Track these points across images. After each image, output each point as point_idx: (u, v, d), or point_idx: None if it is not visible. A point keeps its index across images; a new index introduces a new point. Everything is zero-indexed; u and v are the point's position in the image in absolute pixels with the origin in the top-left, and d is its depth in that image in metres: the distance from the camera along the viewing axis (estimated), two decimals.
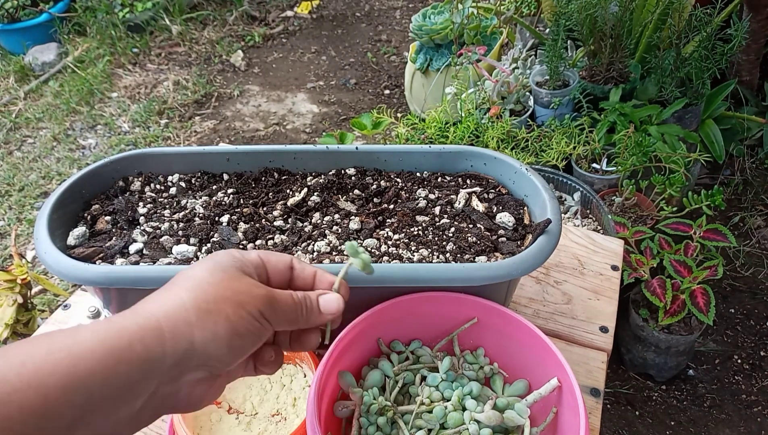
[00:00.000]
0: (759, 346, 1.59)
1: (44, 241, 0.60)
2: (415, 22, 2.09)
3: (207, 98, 2.62)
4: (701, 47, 1.46)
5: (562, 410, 0.55)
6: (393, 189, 0.72)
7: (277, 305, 0.44)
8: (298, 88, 2.68)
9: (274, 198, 0.72)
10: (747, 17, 1.63)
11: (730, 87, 1.68)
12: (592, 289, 0.81)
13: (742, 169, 1.95)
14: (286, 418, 0.63)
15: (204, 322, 0.39)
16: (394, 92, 2.62)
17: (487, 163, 0.74)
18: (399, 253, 0.63)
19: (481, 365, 0.62)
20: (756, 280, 1.73)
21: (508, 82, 1.65)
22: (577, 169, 1.54)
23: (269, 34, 3.01)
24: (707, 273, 1.30)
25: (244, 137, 2.41)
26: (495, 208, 0.70)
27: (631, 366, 1.55)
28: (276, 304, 0.44)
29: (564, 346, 0.74)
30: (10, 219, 2.07)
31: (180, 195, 0.72)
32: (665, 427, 1.45)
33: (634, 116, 1.48)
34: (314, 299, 0.47)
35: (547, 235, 0.61)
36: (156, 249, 0.64)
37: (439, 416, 0.55)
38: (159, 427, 0.67)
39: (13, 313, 1.21)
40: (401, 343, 0.63)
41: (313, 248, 0.64)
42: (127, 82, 2.71)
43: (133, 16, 2.93)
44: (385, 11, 3.17)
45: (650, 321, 1.41)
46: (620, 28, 1.52)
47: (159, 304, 0.40)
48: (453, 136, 1.44)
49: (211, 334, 0.39)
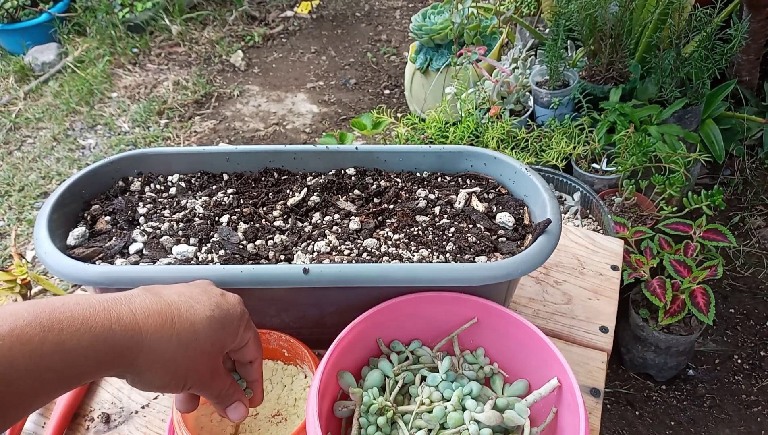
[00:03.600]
0: (759, 346, 1.59)
1: (44, 242, 0.60)
2: (415, 22, 2.09)
3: (207, 98, 2.62)
4: (701, 47, 1.46)
5: (562, 410, 0.55)
6: (393, 189, 0.72)
7: (210, 387, 0.49)
8: (298, 88, 2.68)
9: (274, 198, 0.72)
10: (747, 17, 1.63)
11: (730, 87, 1.68)
12: (592, 289, 0.81)
13: (742, 169, 1.95)
14: (286, 419, 0.63)
15: (162, 371, 0.44)
16: (394, 92, 2.62)
17: (487, 163, 0.74)
18: (399, 253, 0.63)
19: (481, 365, 0.62)
20: (756, 280, 1.73)
21: (508, 82, 1.65)
22: (577, 169, 1.54)
23: (269, 34, 3.01)
24: (707, 273, 1.30)
25: (244, 137, 2.41)
26: (495, 208, 0.70)
27: (631, 366, 1.55)
28: (210, 387, 0.49)
29: (564, 346, 0.74)
30: (10, 219, 2.07)
31: (180, 195, 0.72)
32: (665, 427, 1.45)
33: (634, 116, 1.48)
34: (231, 400, 0.52)
35: (547, 235, 0.61)
36: (156, 249, 0.64)
37: (439, 416, 0.55)
38: (159, 427, 0.67)
39: None
40: (401, 343, 0.63)
41: (312, 248, 0.64)
42: (127, 82, 2.71)
43: (133, 16, 2.93)
44: (385, 11, 3.17)
45: (650, 321, 1.41)
46: (620, 28, 1.52)
47: (153, 330, 0.43)
48: (453, 136, 1.44)
49: (151, 376, 0.44)
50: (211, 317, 0.47)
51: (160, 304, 0.45)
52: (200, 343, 0.46)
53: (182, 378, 0.45)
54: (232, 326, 0.49)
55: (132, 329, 0.42)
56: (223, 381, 0.50)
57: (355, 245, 0.64)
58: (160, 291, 0.47)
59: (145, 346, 0.42)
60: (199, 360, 0.46)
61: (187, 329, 0.45)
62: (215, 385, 0.49)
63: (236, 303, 0.50)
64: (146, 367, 0.43)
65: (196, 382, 0.47)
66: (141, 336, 0.42)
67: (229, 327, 0.48)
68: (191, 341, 0.45)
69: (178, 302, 0.46)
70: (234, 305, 0.50)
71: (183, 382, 0.46)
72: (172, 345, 0.44)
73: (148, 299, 0.45)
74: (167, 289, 0.48)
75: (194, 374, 0.46)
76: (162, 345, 0.43)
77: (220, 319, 0.47)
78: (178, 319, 0.45)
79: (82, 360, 0.39)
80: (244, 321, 0.51)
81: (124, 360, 0.41)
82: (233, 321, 0.49)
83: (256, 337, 0.53)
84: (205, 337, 0.46)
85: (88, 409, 0.69)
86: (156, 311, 0.44)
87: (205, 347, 0.46)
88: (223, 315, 0.48)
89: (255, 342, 0.53)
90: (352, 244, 0.64)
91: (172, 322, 0.44)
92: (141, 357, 0.42)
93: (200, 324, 0.46)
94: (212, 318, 0.47)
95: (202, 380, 0.47)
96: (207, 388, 0.49)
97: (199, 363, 0.46)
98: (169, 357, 0.44)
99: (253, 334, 0.53)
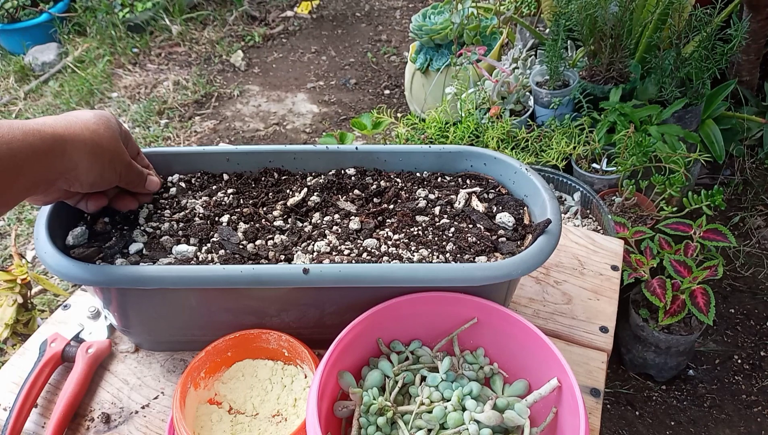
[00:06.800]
0: (759, 346, 1.59)
1: (44, 241, 0.60)
2: (415, 22, 2.09)
3: (207, 98, 2.62)
4: (701, 47, 1.46)
5: (562, 410, 0.55)
6: (393, 189, 0.72)
7: (132, 170, 0.63)
8: (298, 88, 2.68)
9: (274, 198, 0.72)
10: (747, 17, 1.63)
11: (730, 87, 1.68)
12: (592, 289, 0.81)
13: (742, 169, 1.95)
14: (286, 419, 0.63)
15: (91, 159, 0.56)
16: (394, 92, 2.62)
17: (487, 163, 0.74)
18: (399, 253, 0.63)
19: (481, 365, 0.62)
20: (756, 280, 1.73)
21: (508, 82, 1.65)
22: (577, 169, 1.54)
23: (269, 34, 3.01)
24: (707, 273, 1.30)
25: (244, 137, 2.41)
26: (495, 208, 0.70)
27: (631, 366, 1.55)
28: (132, 170, 0.63)
29: (564, 346, 0.74)
30: (10, 219, 2.07)
31: (180, 195, 0.72)
32: (665, 427, 1.45)
33: (634, 116, 1.48)
34: (145, 176, 0.67)
35: (547, 235, 0.61)
36: (156, 249, 0.64)
37: (439, 416, 0.55)
38: (159, 427, 0.67)
39: (13, 313, 1.21)
40: (401, 343, 0.63)
41: (313, 248, 0.64)
42: (127, 82, 2.71)
43: (133, 16, 2.93)
44: (385, 11, 3.17)
45: (650, 321, 1.41)
46: (620, 28, 1.52)
47: (65, 128, 0.54)
48: (453, 136, 1.44)
49: (89, 164, 0.56)
50: (96, 114, 0.59)
51: (59, 121, 0.55)
52: (107, 131, 0.58)
53: (110, 162, 0.58)
54: (113, 120, 0.60)
55: (53, 130, 0.52)
56: (135, 163, 0.64)
57: (355, 245, 0.64)
58: None
59: (68, 138, 0.53)
60: (114, 145, 0.59)
61: (89, 126, 0.56)
62: (135, 166, 0.63)
63: (109, 115, 0.61)
64: (78, 158, 0.54)
65: (123, 163, 0.60)
66: (61, 135, 0.53)
67: (113, 119, 0.60)
68: (98, 132, 0.57)
69: (66, 119, 0.57)
70: (105, 112, 0.61)
71: (113, 165, 0.59)
72: (87, 134, 0.55)
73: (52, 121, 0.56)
74: None
75: (118, 158, 0.59)
76: (81, 136, 0.55)
77: (102, 114, 0.60)
78: (80, 124, 0.56)
79: (17, 144, 0.48)
80: (123, 130, 0.62)
81: (54, 150, 0.52)
82: (110, 117, 0.60)
83: (137, 146, 0.67)
84: (105, 126, 0.58)
85: (88, 409, 0.69)
86: (62, 123, 0.55)
87: (110, 134, 0.58)
88: (102, 113, 0.60)
89: (131, 137, 0.66)
90: (352, 244, 0.64)
91: (78, 124, 0.56)
92: (68, 146, 0.53)
93: (93, 119, 0.57)
94: (97, 114, 0.59)
95: (125, 160, 0.61)
96: (132, 168, 0.62)
97: (116, 147, 0.59)
98: (90, 145, 0.55)
99: (135, 143, 0.67)
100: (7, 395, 0.71)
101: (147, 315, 0.67)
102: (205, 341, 0.65)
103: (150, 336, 0.72)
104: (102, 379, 0.72)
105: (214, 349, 0.65)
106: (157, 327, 0.69)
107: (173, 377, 0.72)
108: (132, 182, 0.64)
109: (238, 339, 0.66)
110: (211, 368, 0.66)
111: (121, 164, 0.60)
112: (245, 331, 0.66)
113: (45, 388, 0.70)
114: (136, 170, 0.64)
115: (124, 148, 0.61)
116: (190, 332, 0.69)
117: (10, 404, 0.69)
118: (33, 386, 0.68)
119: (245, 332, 0.66)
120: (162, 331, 0.70)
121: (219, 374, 0.67)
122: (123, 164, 0.61)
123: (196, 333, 0.68)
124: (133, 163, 0.63)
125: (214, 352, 0.65)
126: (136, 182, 0.65)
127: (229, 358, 0.67)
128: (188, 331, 0.69)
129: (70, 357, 0.71)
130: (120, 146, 0.60)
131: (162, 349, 0.74)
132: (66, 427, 0.67)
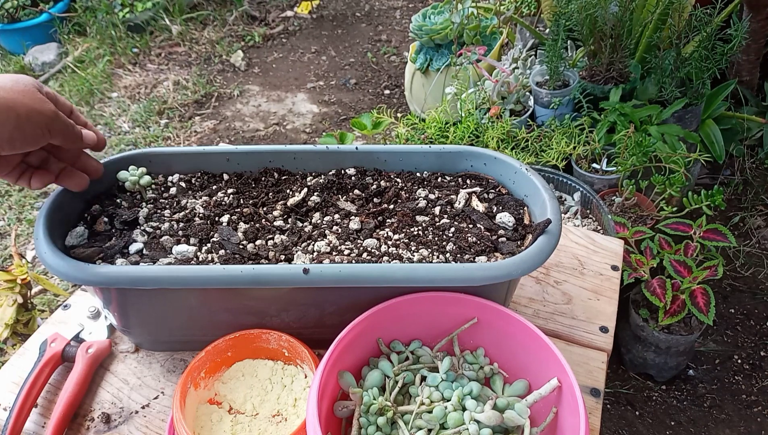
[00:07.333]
0: (759, 346, 1.59)
1: (44, 241, 0.60)
2: (415, 22, 2.09)
3: (207, 98, 2.62)
4: (701, 47, 1.46)
5: (562, 410, 0.55)
6: (393, 189, 0.72)
7: (60, 121, 0.59)
8: (298, 88, 2.68)
9: (274, 198, 0.72)
10: (747, 17, 1.63)
11: (730, 87, 1.68)
12: (592, 289, 0.81)
13: (742, 169, 1.95)
14: (286, 419, 0.63)
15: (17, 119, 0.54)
16: (394, 92, 2.62)
17: (487, 163, 0.74)
18: (399, 253, 0.63)
19: (481, 365, 0.62)
20: (756, 280, 1.73)
21: (508, 82, 1.65)
22: (577, 169, 1.54)
23: (269, 34, 3.01)
24: (707, 273, 1.30)
25: (244, 137, 2.41)
26: (495, 208, 0.70)
27: (631, 366, 1.55)
28: (60, 120, 0.59)
29: (564, 346, 0.74)
30: (10, 219, 2.07)
31: (180, 195, 0.72)
32: (665, 427, 1.45)
33: (634, 116, 1.48)
34: (79, 130, 0.63)
35: (547, 235, 0.61)
36: (156, 249, 0.64)
37: (439, 416, 0.55)
38: (159, 427, 0.67)
39: (13, 313, 1.21)
40: (401, 343, 0.63)
41: (313, 248, 0.64)
42: (127, 82, 2.71)
43: (133, 16, 2.92)
44: (385, 11, 3.17)
45: (650, 321, 1.41)
46: (620, 28, 1.52)
47: None
48: (453, 136, 1.44)
49: (5, 119, 0.54)
50: (9, 76, 0.57)
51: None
52: (16, 85, 0.56)
53: (26, 116, 0.55)
54: (29, 79, 0.58)
55: None
56: (62, 114, 0.60)
57: (355, 245, 0.64)
58: None
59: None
60: (30, 98, 0.56)
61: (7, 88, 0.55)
62: (62, 117, 0.60)
63: (23, 76, 0.59)
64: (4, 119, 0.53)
65: (46, 115, 0.57)
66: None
67: (29, 79, 0.58)
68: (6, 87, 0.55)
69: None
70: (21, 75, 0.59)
71: (30, 120, 0.56)
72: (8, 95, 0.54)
73: None
74: None
75: (37, 111, 0.56)
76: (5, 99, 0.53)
77: (16, 76, 0.58)
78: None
79: None
80: (43, 86, 0.60)
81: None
82: (26, 77, 0.58)
83: (69, 104, 0.65)
84: (14, 81, 0.56)
85: (88, 409, 0.69)
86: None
87: (21, 88, 0.56)
88: (16, 75, 0.58)
89: (60, 96, 0.63)
90: (352, 244, 0.64)
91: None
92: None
93: (2, 80, 0.56)
94: (10, 76, 0.57)
95: (47, 111, 0.57)
96: (59, 118, 0.59)
97: (33, 100, 0.56)
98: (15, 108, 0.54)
99: (66, 101, 0.64)
100: (7, 395, 0.71)
101: (147, 315, 0.67)
102: (205, 341, 0.65)
103: (150, 336, 0.72)
104: (102, 379, 0.72)
105: (214, 349, 0.65)
106: (157, 327, 0.70)
107: (173, 377, 0.72)
108: (64, 135, 0.61)
109: (238, 339, 0.66)
110: (211, 368, 0.66)
111: (44, 116, 0.57)
112: (245, 331, 0.66)
113: (45, 388, 0.70)
114: (64, 121, 0.60)
115: (45, 101, 0.58)
116: (190, 332, 0.69)
117: (10, 404, 0.69)
118: (33, 386, 0.68)
119: (245, 332, 0.66)
120: (162, 331, 0.70)
121: (219, 374, 0.67)
122: (46, 116, 0.58)
123: (196, 333, 0.68)
124: (60, 113, 0.60)
125: (214, 352, 0.65)
126: (69, 135, 0.61)
127: (229, 358, 0.67)
128: (188, 331, 0.69)
129: (70, 357, 0.71)
130: (38, 99, 0.57)
131: (162, 349, 0.74)
132: (66, 427, 0.67)
